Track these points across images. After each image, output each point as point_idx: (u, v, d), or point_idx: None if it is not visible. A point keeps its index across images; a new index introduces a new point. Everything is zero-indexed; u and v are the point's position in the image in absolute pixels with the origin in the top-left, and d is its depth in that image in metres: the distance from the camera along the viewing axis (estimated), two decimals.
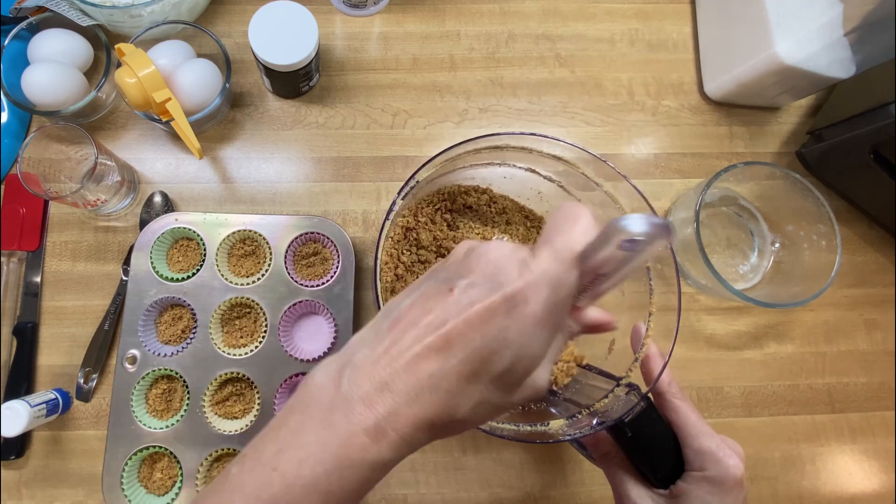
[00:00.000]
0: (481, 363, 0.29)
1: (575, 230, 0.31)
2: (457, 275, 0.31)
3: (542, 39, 0.73)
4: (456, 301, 0.30)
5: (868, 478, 0.65)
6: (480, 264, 0.31)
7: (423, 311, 0.30)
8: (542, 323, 0.29)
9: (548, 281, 0.29)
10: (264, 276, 0.61)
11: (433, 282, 0.32)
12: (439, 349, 0.29)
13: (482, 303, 0.29)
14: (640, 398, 0.43)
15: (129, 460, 0.56)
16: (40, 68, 0.61)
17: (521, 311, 0.29)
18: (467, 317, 0.29)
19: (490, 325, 0.29)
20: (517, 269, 0.30)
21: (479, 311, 0.29)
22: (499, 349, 0.29)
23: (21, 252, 0.63)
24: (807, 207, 0.63)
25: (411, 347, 0.29)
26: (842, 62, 0.60)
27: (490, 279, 0.30)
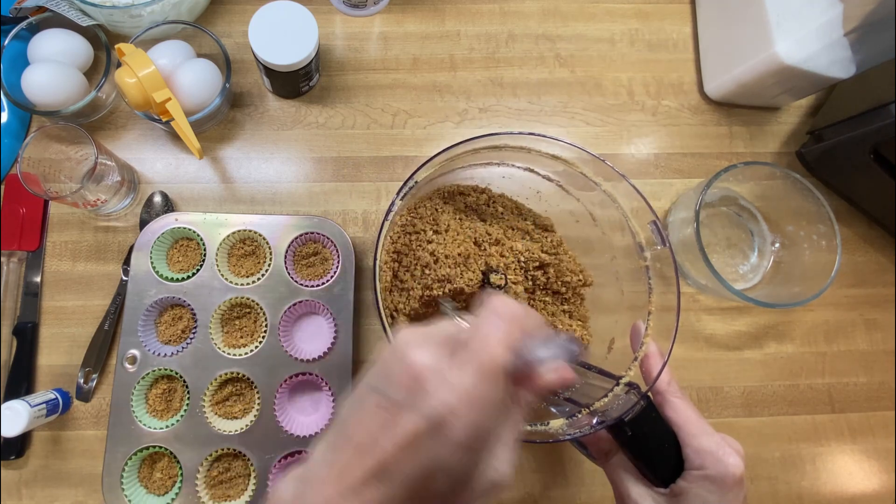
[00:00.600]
0: (422, 486, 0.29)
1: (501, 332, 0.30)
2: (385, 387, 0.30)
3: (542, 39, 0.73)
4: (384, 423, 0.29)
5: (868, 478, 0.65)
6: (403, 376, 0.30)
7: (363, 430, 0.30)
8: (472, 442, 0.29)
9: (470, 402, 0.28)
10: (264, 276, 0.61)
11: (372, 394, 0.31)
12: (378, 476, 0.29)
13: (405, 428, 0.28)
14: (639, 397, 0.43)
15: (129, 460, 0.56)
16: (40, 68, 0.61)
17: (447, 435, 0.28)
18: (395, 443, 0.28)
19: (419, 451, 0.28)
20: (437, 385, 0.29)
21: (404, 438, 0.28)
22: (433, 472, 0.28)
23: (21, 252, 0.63)
24: (807, 207, 0.63)
25: (353, 472, 0.29)
26: (842, 62, 0.60)
27: (412, 395, 0.29)
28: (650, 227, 0.49)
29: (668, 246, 0.48)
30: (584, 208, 0.57)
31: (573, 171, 0.53)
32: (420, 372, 0.29)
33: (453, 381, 0.29)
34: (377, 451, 0.29)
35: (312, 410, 0.61)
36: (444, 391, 0.28)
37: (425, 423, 0.28)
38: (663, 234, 0.48)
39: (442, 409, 0.28)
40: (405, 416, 0.29)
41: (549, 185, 0.57)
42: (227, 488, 0.57)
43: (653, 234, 0.49)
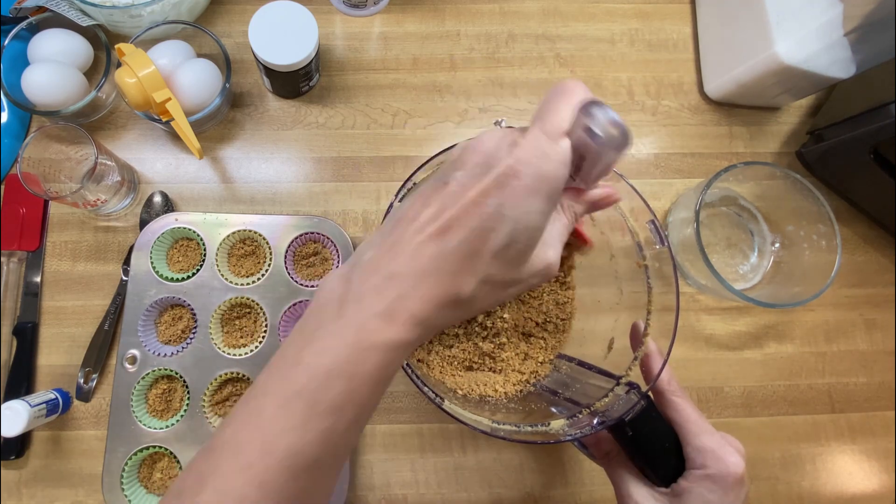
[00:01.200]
0: (479, 241, 0.31)
1: (564, 105, 0.32)
2: (452, 169, 0.32)
3: (542, 39, 0.73)
4: (451, 192, 0.31)
5: (868, 478, 0.65)
6: (473, 156, 0.32)
7: (423, 206, 0.32)
8: (535, 193, 0.31)
9: (536, 154, 0.30)
10: (264, 276, 0.61)
11: (431, 181, 0.33)
12: (439, 235, 0.31)
13: (475, 187, 0.31)
14: (640, 397, 0.43)
15: (129, 460, 0.56)
16: (40, 68, 0.61)
17: (513, 185, 0.30)
18: (462, 202, 0.31)
19: (484, 206, 0.30)
20: (507, 150, 0.31)
21: (472, 196, 0.30)
22: (495, 225, 0.30)
23: (21, 252, 0.63)
24: (807, 207, 0.63)
25: (413, 238, 0.31)
26: (842, 62, 0.60)
27: (482, 166, 0.31)
28: (648, 226, 0.49)
29: (667, 245, 0.48)
30: None
31: None
32: (488, 146, 0.32)
33: (522, 144, 0.31)
34: (439, 214, 0.31)
35: None
36: (512, 153, 0.31)
37: (492, 179, 0.30)
38: (662, 233, 0.48)
39: (511, 162, 0.30)
40: (471, 179, 0.31)
41: None
42: None
43: (651, 233, 0.49)
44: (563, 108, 0.31)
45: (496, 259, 0.31)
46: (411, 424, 0.62)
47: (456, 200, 0.31)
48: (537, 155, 0.31)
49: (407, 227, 0.32)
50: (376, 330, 0.31)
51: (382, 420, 0.62)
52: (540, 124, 0.31)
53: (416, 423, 0.62)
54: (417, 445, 0.62)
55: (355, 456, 0.61)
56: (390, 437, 0.62)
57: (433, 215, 0.31)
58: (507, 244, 0.31)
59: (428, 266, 0.31)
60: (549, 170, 0.31)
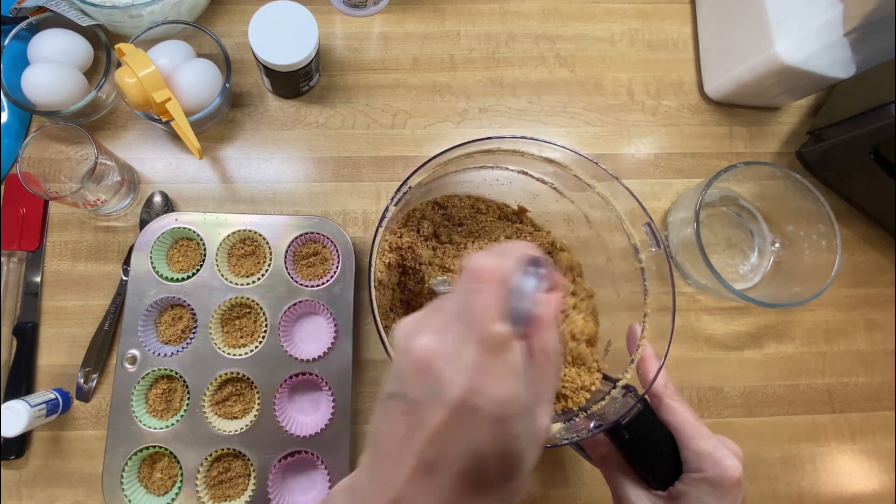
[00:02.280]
0: (474, 473, 0.28)
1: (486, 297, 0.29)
2: (401, 389, 0.30)
3: (542, 39, 0.73)
4: (411, 426, 0.29)
5: (868, 478, 0.65)
6: (413, 370, 0.29)
7: (394, 440, 0.29)
8: (504, 412, 0.28)
9: (485, 376, 0.28)
10: (264, 276, 0.61)
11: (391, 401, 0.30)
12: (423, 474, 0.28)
13: (433, 422, 0.28)
14: (636, 400, 0.43)
15: (129, 460, 0.56)
16: (40, 68, 0.61)
17: (476, 416, 0.27)
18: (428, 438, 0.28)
19: (455, 440, 0.28)
20: (447, 369, 0.28)
21: (435, 431, 0.28)
22: (480, 456, 0.28)
23: (21, 252, 0.63)
24: (807, 207, 0.63)
25: (396, 481, 0.29)
26: (842, 62, 0.60)
27: (428, 388, 0.28)
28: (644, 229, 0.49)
29: (662, 248, 0.48)
30: (578, 210, 0.57)
31: (566, 173, 0.53)
32: (427, 361, 0.28)
33: (463, 361, 0.28)
34: (413, 452, 0.28)
35: (312, 410, 0.61)
36: (457, 374, 0.28)
37: (450, 412, 0.27)
38: (658, 236, 0.48)
39: (461, 393, 0.27)
40: (429, 411, 0.28)
41: (543, 188, 0.57)
42: (227, 488, 0.57)
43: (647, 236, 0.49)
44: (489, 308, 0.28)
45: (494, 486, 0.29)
46: None
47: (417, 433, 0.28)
48: (486, 383, 0.27)
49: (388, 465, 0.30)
50: None
51: None
52: (473, 336, 0.28)
53: None
54: None
55: (355, 456, 0.61)
56: None
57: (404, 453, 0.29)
58: (503, 465, 0.29)
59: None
60: (506, 395, 0.28)
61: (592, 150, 0.70)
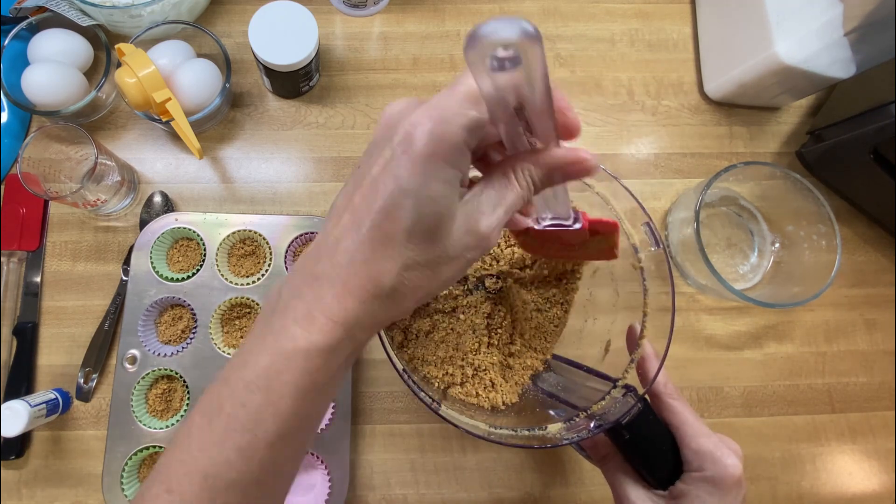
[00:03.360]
0: (387, 222, 0.28)
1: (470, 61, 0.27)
2: (365, 154, 0.30)
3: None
4: (359, 173, 0.29)
5: (868, 478, 0.65)
6: (379, 126, 0.29)
7: (341, 194, 0.30)
8: (434, 157, 0.27)
9: (432, 115, 0.27)
10: (264, 276, 0.61)
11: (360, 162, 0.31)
12: (350, 225, 0.29)
13: (377, 163, 0.28)
14: (636, 400, 0.43)
15: (129, 460, 0.56)
16: (40, 68, 0.61)
17: (409, 153, 0.27)
18: (365, 182, 0.28)
19: (383, 182, 0.28)
20: (407, 115, 0.28)
21: (374, 172, 0.28)
22: (398, 201, 0.27)
23: (21, 252, 0.63)
24: (807, 207, 0.63)
25: (331, 233, 0.29)
26: (842, 62, 0.60)
27: (385, 138, 0.28)
28: (644, 228, 0.49)
29: (662, 248, 0.48)
30: None
31: None
32: (392, 114, 0.29)
33: (424, 104, 0.28)
34: (349, 203, 0.29)
35: None
36: (412, 115, 0.27)
37: (389, 150, 0.28)
38: (657, 235, 0.48)
39: (406, 128, 0.27)
40: (377, 156, 0.28)
41: None
42: None
43: (647, 235, 0.49)
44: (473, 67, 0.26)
45: (411, 239, 0.28)
46: (411, 424, 0.62)
47: (362, 180, 0.29)
48: (431, 115, 0.27)
49: (327, 223, 0.30)
50: (293, 336, 0.29)
51: (382, 420, 0.62)
52: (447, 89, 0.28)
53: (416, 423, 0.62)
54: (417, 445, 0.62)
55: (355, 456, 0.61)
56: (390, 437, 0.62)
57: (345, 203, 0.29)
58: (415, 220, 0.28)
59: (342, 260, 0.29)
60: (442, 129, 0.27)
61: (592, 150, 0.70)
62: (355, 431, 0.61)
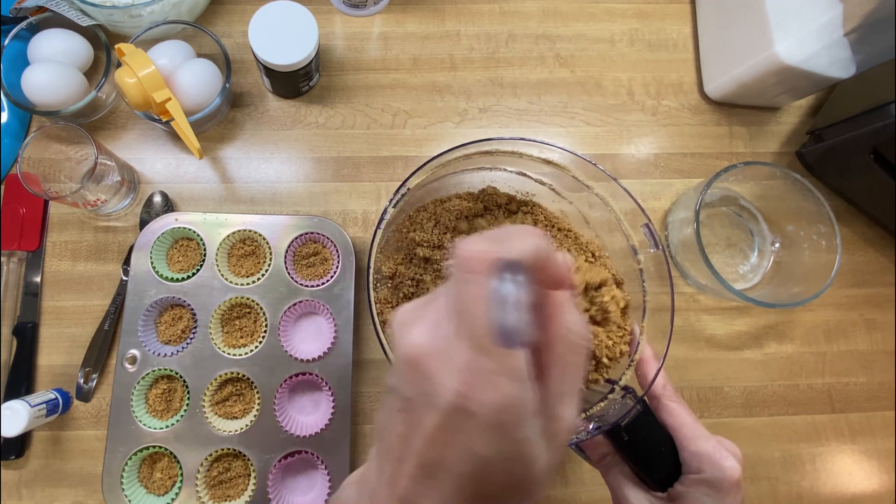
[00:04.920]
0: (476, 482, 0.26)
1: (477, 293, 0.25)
2: (398, 384, 0.27)
3: (542, 39, 0.73)
4: (408, 424, 0.27)
5: (868, 478, 0.65)
6: (405, 367, 0.27)
7: (395, 436, 0.27)
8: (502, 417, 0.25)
9: (477, 380, 0.24)
10: (264, 276, 0.61)
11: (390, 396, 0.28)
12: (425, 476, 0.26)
13: (426, 426, 0.25)
14: (635, 401, 0.43)
15: (129, 460, 0.56)
16: (40, 68, 0.61)
17: (471, 422, 0.25)
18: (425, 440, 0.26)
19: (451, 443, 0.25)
20: (438, 369, 0.25)
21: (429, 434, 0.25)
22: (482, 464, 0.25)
23: (21, 252, 0.63)
24: (807, 207, 0.63)
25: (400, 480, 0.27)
26: (842, 62, 0.60)
27: (420, 387, 0.26)
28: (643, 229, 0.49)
29: (661, 249, 0.48)
30: (576, 210, 0.57)
31: (564, 174, 0.53)
32: (418, 359, 0.26)
33: (455, 361, 0.25)
34: (413, 452, 0.26)
35: (312, 410, 0.61)
36: (448, 377, 0.25)
37: (442, 416, 0.25)
38: (656, 236, 0.48)
39: (452, 397, 0.24)
40: (422, 412, 0.26)
41: (542, 188, 0.57)
42: (227, 488, 0.57)
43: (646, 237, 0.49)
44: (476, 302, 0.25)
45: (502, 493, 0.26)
46: None
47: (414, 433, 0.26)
48: (479, 386, 0.24)
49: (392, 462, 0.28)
50: None
51: None
52: (464, 329, 0.25)
53: None
54: None
55: (355, 456, 0.61)
56: None
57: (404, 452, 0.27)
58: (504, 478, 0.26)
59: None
60: (500, 400, 0.24)
61: (592, 150, 0.70)
62: (355, 431, 0.61)
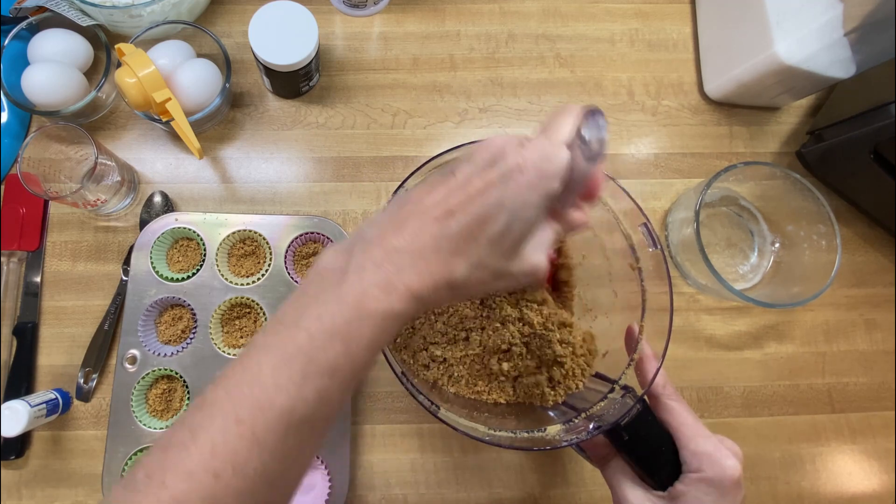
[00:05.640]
0: (478, 227, 0.33)
1: (567, 121, 0.35)
2: (461, 164, 0.35)
3: (542, 39, 0.73)
4: (458, 181, 0.34)
5: (868, 478, 0.65)
6: (483, 152, 0.34)
7: (429, 192, 0.34)
8: (535, 189, 0.33)
9: (541, 155, 0.33)
10: (264, 276, 0.61)
11: (438, 174, 0.36)
12: (442, 219, 0.33)
13: (482, 177, 0.33)
14: (635, 401, 0.43)
15: (129, 460, 0.56)
16: (40, 68, 0.61)
17: (517, 179, 0.33)
18: (468, 190, 0.33)
19: (487, 195, 0.33)
20: (514, 149, 0.34)
21: (478, 185, 0.33)
22: (495, 213, 0.33)
23: (21, 252, 0.63)
24: (807, 207, 0.63)
25: (416, 219, 0.34)
26: (842, 62, 0.60)
27: (489, 161, 0.34)
28: (641, 229, 0.49)
29: (659, 249, 0.48)
30: None
31: None
32: (498, 144, 0.34)
33: (530, 145, 0.34)
34: (444, 200, 0.33)
35: None
36: (518, 151, 0.33)
37: (498, 172, 0.33)
38: (654, 236, 0.48)
39: (519, 160, 0.33)
40: (478, 171, 0.34)
41: None
42: None
43: (644, 236, 0.49)
44: (565, 123, 0.35)
45: (491, 246, 0.33)
46: (411, 424, 0.62)
47: (462, 188, 0.33)
48: (541, 156, 0.33)
49: (412, 208, 0.34)
50: (375, 298, 0.32)
51: (382, 420, 0.62)
52: (546, 134, 0.35)
53: (416, 423, 0.62)
54: (417, 445, 0.62)
55: (355, 456, 0.61)
56: (390, 437, 0.62)
57: (438, 200, 0.34)
58: (502, 233, 0.33)
59: (428, 245, 0.33)
60: (550, 169, 0.33)
61: None
62: (355, 431, 0.61)
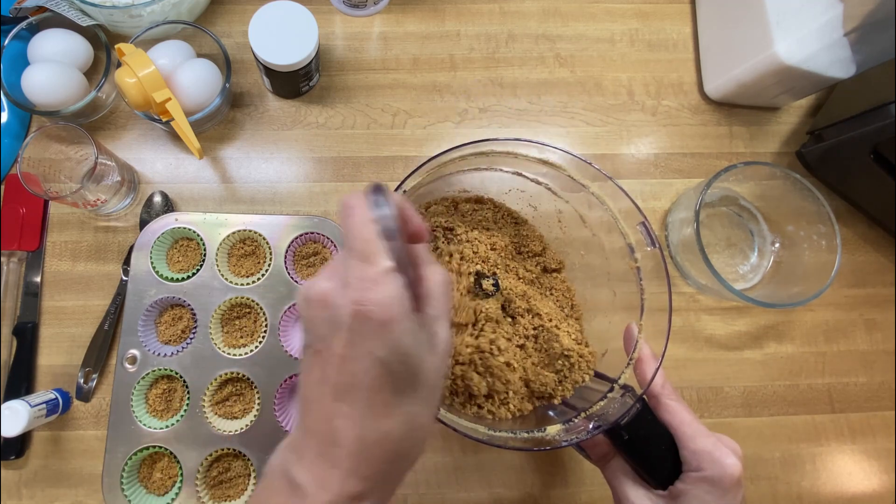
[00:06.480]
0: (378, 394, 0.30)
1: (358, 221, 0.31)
2: (310, 332, 0.32)
3: (542, 39, 0.73)
4: (324, 360, 0.31)
5: (868, 478, 0.65)
6: (314, 312, 0.32)
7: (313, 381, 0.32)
8: (391, 321, 0.30)
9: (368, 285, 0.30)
10: (264, 276, 0.61)
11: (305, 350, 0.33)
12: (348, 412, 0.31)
13: (338, 344, 0.30)
14: (635, 400, 0.43)
15: (129, 460, 0.56)
16: (40, 68, 0.61)
17: (370, 326, 0.30)
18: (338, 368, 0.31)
19: (358, 360, 0.30)
20: (342, 296, 0.30)
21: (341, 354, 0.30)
22: (378, 372, 0.30)
23: (21, 252, 0.63)
24: (807, 207, 0.63)
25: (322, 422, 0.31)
26: (842, 62, 0.60)
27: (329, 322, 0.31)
28: (639, 228, 0.49)
29: (657, 247, 0.48)
30: (573, 210, 0.57)
31: (560, 174, 0.53)
32: (323, 297, 0.31)
33: (349, 282, 0.30)
34: (329, 385, 0.31)
35: None
36: (344, 296, 0.30)
37: (347, 330, 0.30)
38: (653, 235, 0.48)
39: (351, 306, 0.30)
40: (332, 339, 0.31)
41: (538, 188, 0.57)
42: (227, 488, 0.57)
43: (643, 235, 0.49)
44: (360, 226, 0.31)
45: (403, 394, 0.31)
46: None
47: (329, 368, 0.31)
48: (369, 290, 0.30)
49: (307, 414, 0.33)
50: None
51: None
52: (354, 254, 0.31)
53: None
54: None
55: None
56: None
57: (319, 393, 0.32)
58: (399, 379, 0.31)
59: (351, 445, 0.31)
60: (387, 297, 0.30)
61: (592, 150, 0.70)
62: None
